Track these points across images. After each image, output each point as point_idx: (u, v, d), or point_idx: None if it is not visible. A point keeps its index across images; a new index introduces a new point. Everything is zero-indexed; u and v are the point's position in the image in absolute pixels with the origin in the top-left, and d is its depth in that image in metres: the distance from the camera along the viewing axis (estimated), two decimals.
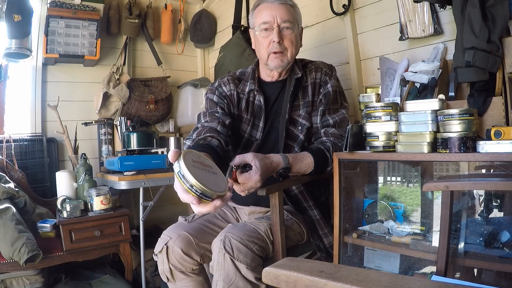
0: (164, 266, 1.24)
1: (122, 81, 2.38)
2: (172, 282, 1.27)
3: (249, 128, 1.37)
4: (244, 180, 1.07)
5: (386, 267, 1.26)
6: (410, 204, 1.25)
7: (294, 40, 1.31)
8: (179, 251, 1.21)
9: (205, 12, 2.82)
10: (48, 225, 1.80)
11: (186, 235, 1.24)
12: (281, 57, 1.30)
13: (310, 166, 1.22)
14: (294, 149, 1.35)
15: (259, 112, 1.37)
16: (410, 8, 1.51)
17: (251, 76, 1.39)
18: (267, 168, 1.11)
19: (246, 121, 1.38)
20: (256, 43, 1.37)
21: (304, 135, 1.34)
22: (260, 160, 1.09)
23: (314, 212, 1.33)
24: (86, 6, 2.24)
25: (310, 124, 1.35)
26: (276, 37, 1.27)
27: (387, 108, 1.14)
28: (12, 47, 1.98)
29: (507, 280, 1.01)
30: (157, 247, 1.26)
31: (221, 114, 1.34)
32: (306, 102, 1.36)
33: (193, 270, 1.25)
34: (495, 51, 1.10)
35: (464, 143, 0.96)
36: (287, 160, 1.17)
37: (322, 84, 1.37)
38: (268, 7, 1.30)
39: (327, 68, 1.40)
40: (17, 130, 2.18)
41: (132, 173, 1.89)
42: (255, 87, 1.37)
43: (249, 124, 1.37)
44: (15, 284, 1.71)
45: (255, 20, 1.34)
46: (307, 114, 1.35)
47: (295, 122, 1.36)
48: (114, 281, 1.94)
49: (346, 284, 0.51)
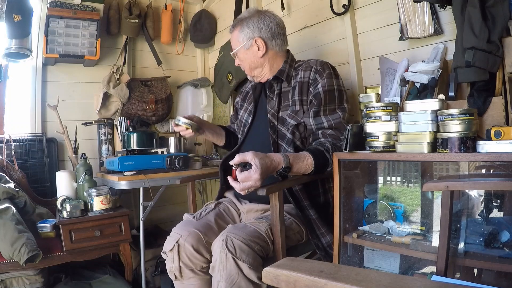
0: (173, 264, 1.25)
1: (122, 81, 2.38)
2: (179, 280, 1.28)
3: (246, 115, 1.60)
4: (243, 179, 1.08)
5: (386, 267, 1.26)
6: (410, 204, 1.25)
7: (248, 58, 1.47)
8: (190, 248, 1.22)
9: (205, 12, 2.82)
10: (48, 225, 1.80)
11: (196, 232, 1.25)
12: (249, 74, 1.53)
13: (310, 166, 1.22)
14: (284, 147, 1.37)
15: (251, 102, 1.59)
16: (410, 8, 1.51)
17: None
18: (267, 167, 1.11)
19: (244, 109, 1.64)
20: None
21: (291, 133, 1.37)
22: (260, 158, 1.09)
23: (311, 212, 1.34)
24: (86, 6, 2.24)
25: (296, 122, 1.38)
26: (236, 64, 1.54)
27: (387, 108, 1.14)
28: (12, 47, 1.99)
29: (507, 280, 1.01)
30: (167, 245, 1.27)
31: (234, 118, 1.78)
32: (293, 101, 1.39)
33: (202, 268, 1.26)
34: (495, 51, 1.10)
35: (464, 143, 0.96)
36: (287, 160, 1.17)
37: (312, 83, 1.37)
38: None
39: (318, 66, 1.39)
40: (17, 130, 2.18)
41: (132, 173, 1.89)
42: (253, 82, 1.59)
43: (246, 111, 1.62)
44: (15, 284, 1.71)
45: None
46: (293, 112, 1.39)
47: (283, 121, 1.40)
48: (114, 281, 1.94)
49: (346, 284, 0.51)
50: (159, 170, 1.97)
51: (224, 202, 1.50)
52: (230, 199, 1.53)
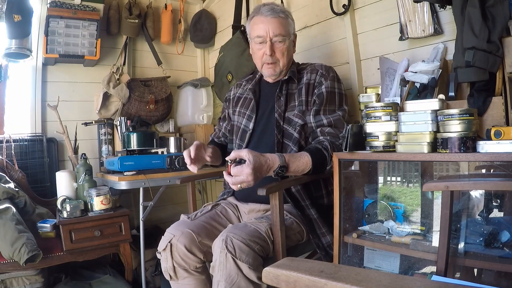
0: (167, 263, 1.25)
1: (122, 81, 2.38)
2: (175, 280, 1.28)
3: (245, 120, 1.53)
4: (236, 173, 1.10)
5: (386, 267, 1.26)
6: (410, 204, 1.25)
7: (286, 51, 1.43)
8: (182, 248, 1.23)
9: (205, 12, 2.82)
10: (48, 225, 1.80)
11: (189, 232, 1.26)
12: (274, 67, 1.44)
13: (308, 164, 1.23)
14: (290, 147, 1.38)
15: (252, 106, 1.52)
16: (410, 8, 1.51)
17: (254, 77, 1.60)
18: (261, 165, 1.12)
19: (241, 114, 1.56)
20: (252, 51, 1.53)
21: (298, 132, 1.38)
22: (254, 155, 1.11)
23: (311, 211, 1.34)
24: (86, 6, 2.24)
25: (303, 122, 1.39)
26: (268, 51, 1.40)
27: (387, 108, 1.14)
28: (12, 47, 1.99)
29: (507, 280, 1.01)
30: (161, 245, 1.28)
31: (222, 123, 1.70)
32: (300, 102, 1.41)
33: (196, 268, 1.26)
34: (495, 51, 1.10)
35: (464, 143, 0.96)
36: (283, 159, 1.18)
37: (317, 85, 1.41)
38: (262, 21, 1.41)
39: (324, 70, 1.44)
40: (17, 130, 2.18)
41: (132, 173, 1.89)
42: (251, 86, 1.55)
43: (244, 116, 1.54)
44: (15, 284, 1.71)
45: (251, 32, 1.48)
46: (300, 112, 1.40)
47: (290, 121, 1.41)
48: (114, 281, 1.94)
49: (346, 284, 0.51)
50: (159, 170, 1.98)
51: (222, 204, 1.50)
52: (229, 201, 1.52)
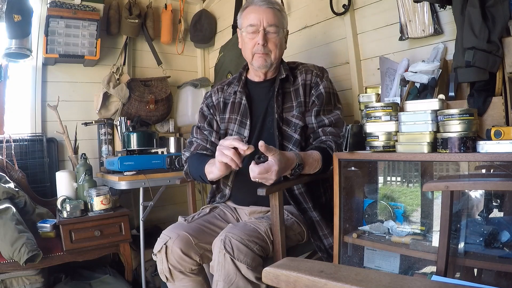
0: (163, 265, 1.24)
1: (122, 81, 2.38)
2: (171, 282, 1.27)
3: (237, 127, 1.43)
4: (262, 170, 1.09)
5: (386, 267, 1.26)
6: (410, 204, 1.25)
7: (278, 43, 1.37)
8: (178, 251, 1.21)
9: (205, 12, 2.82)
10: (48, 225, 1.80)
11: (185, 235, 1.24)
12: (265, 57, 1.37)
13: (319, 162, 1.24)
14: (289, 149, 1.36)
15: (244, 111, 1.42)
16: (410, 8, 1.51)
17: (237, 79, 1.49)
18: (286, 162, 1.13)
19: (233, 121, 1.44)
20: (242, 43, 1.44)
21: (299, 134, 1.36)
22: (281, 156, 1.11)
23: (314, 213, 1.33)
24: (86, 6, 2.24)
25: (304, 123, 1.37)
26: (261, 40, 1.34)
27: (387, 108, 1.14)
28: (12, 47, 1.99)
29: (507, 280, 1.01)
30: (156, 246, 1.26)
31: (208, 132, 1.48)
32: (299, 103, 1.38)
33: (192, 270, 1.25)
34: (495, 51, 1.10)
35: (464, 143, 0.96)
36: (299, 157, 1.18)
37: (313, 85, 1.40)
38: (256, 10, 1.36)
39: (318, 70, 1.43)
40: (17, 130, 2.18)
41: (132, 173, 1.89)
42: (239, 88, 1.45)
43: (235, 123, 1.43)
44: (15, 284, 1.71)
45: (243, 22, 1.41)
46: (300, 114, 1.37)
47: (288, 123, 1.38)
48: (114, 281, 1.94)
49: (346, 284, 0.51)
50: (159, 170, 1.98)
51: (220, 207, 1.47)
52: (227, 205, 1.49)
